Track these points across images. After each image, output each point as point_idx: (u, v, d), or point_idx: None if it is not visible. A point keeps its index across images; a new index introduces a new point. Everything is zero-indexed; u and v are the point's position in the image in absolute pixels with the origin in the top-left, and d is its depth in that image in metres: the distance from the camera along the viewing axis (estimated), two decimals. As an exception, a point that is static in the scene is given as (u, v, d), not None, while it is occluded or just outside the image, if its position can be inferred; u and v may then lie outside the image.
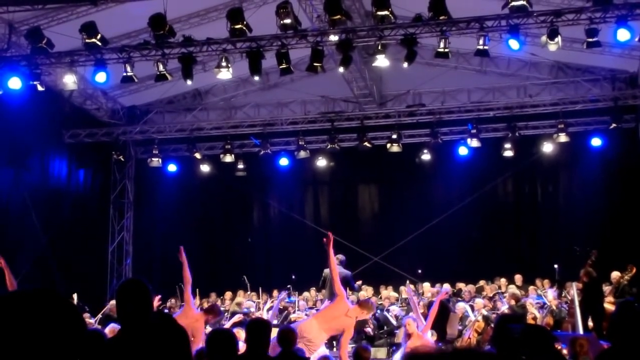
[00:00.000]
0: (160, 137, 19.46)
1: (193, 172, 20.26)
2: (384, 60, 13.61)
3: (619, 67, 17.36)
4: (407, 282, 17.07)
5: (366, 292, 16.91)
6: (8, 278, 9.59)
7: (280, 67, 13.79)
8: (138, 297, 3.88)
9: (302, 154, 19.02)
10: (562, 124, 17.54)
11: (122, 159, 19.77)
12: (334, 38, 13.50)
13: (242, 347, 6.02)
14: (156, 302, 13.05)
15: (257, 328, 5.49)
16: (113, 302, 12.44)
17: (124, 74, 14.03)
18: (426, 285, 16.84)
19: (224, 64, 13.71)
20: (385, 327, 14.94)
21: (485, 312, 13.83)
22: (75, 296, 14.26)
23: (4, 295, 1.87)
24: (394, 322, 14.81)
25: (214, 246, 21.06)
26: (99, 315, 13.97)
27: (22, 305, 1.83)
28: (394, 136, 18.35)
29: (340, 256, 13.86)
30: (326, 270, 13.69)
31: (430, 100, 18.44)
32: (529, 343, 4.14)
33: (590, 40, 12.97)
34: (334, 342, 12.71)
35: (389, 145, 18.44)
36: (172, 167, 20.33)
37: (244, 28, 12.85)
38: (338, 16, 12.54)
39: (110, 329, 9.40)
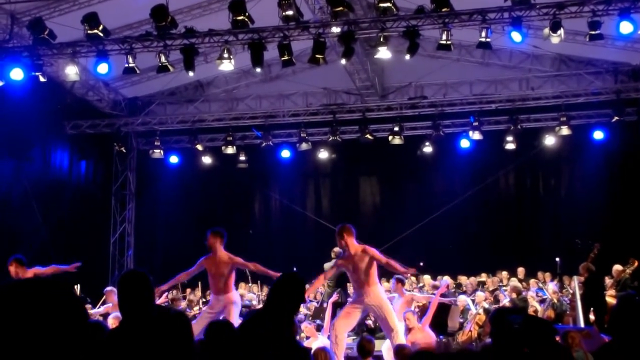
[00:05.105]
0: (162, 128, 19.45)
1: (195, 164, 20.24)
2: (386, 52, 13.57)
3: (621, 59, 17.29)
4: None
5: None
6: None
7: (282, 58, 13.74)
8: (139, 289, 3.89)
9: (304, 146, 19.01)
10: (564, 117, 17.52)
11: (124, 151, 19.77)
12: (336, 30, 13.45)
13: None
14: (163, 298, 13.08)
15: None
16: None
17: (126, 65, 13.99)
18: (427, 277, 16.82)
19: (225, 55, 13.66)
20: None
21: (486, 305, 13.83)
22: (77, 287, 14.27)
23: (6, 284, 1.87)
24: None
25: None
26: (100, 307, 13.97)
27: (25, 296, 1.83)
28: (396, 128, 18.30)
29: (337, 249, 13.86)
30: (327, 264, 13.70)
31: (432, 93, 18.39)
32: (531, 334, 4.13)
33: (593, 32, 12.91)
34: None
35: (390, 137, 18.40)
36: (173, 159, 20.31)
37: (246, 19, 12.80)
38: (340, 8, 12.51)
39: (115, 317, 9.45)
